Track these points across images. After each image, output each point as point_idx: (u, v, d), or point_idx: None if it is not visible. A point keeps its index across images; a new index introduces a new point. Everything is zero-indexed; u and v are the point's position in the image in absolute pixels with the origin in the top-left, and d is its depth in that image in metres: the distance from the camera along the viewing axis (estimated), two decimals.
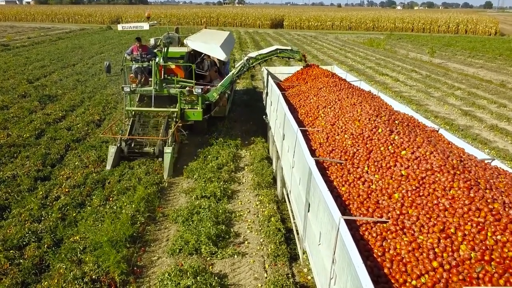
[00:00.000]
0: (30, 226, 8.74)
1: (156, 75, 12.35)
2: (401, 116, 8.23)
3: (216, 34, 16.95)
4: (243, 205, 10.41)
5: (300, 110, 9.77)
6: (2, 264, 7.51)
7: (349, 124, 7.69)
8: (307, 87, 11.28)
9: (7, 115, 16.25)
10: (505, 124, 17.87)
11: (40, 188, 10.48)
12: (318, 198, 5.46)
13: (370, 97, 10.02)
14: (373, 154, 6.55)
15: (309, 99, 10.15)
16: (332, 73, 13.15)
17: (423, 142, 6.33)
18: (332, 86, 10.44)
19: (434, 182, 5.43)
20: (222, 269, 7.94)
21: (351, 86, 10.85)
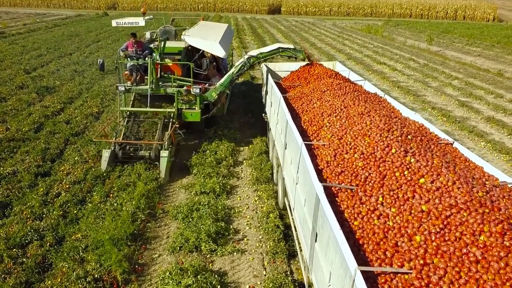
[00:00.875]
0: (32, 224, 8.85)
1: (152, 73, 11.85)
2: (412, 127, 7.79)
3: (214, 28, 16.36)
4: (242, 201, 10.55)
5: (303, 116, 9.24)
6: (5, 264, 7.64)
7: (358, 139, 7.09)
8: (309, 89, 10.66)
9: (5, 107, 16.24)
10: (502, 115, 17.98)
11: (41, 184, 10.57)
12: (328, 235, 4.90)
13: (377, 102, 9.61)
14: (388, 181, 5.97)
15: (312, 103, 9.69)
16: (335, 72, 12.55)
17: (442, 166, 5.84)
18: (337, 89, 9.92)
19: (460, 223, 4.83)
20: (222, 267, 8.09)
21: (356, 89, 10.27)
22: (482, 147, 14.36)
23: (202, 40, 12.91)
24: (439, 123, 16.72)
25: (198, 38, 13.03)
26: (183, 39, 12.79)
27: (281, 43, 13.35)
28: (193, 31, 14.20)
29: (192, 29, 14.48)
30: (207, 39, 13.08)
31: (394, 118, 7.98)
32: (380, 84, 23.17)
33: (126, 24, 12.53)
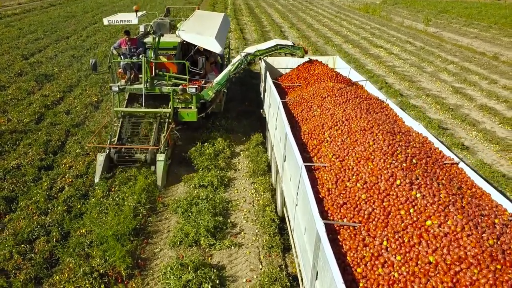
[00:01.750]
0: (38, 219, 9.25)
1: (146, 72, 11.46)
2: (416, 144, 7.43)
3: (209, 19, 15.86)
4: (239, 194, 10.94)
5: (303, 126, 8.99)
6: (15, 260, 8.05)
7: (361, 164, 6.77)
8: (309, 93, 10.32)
9: (5, 97, 16.46)
10: (494, 102, 18.30)
11: (45, 178, 10.92)
12: (330, 281, 4.67)
13: (379, 110, 9.35)
14: (392, 219, 5.67)
15: (312, 111, 9.43)
16: (336, 73, 12.05)
17: (450, 203, 5.58)
18: (338, 95, 9.62)
19: (471, 283, 4.59)
20: (220, 261, 8.53)
21: (358, 94, 9.94)
22: (473, 137, 14.71)
23: (198, 36, 12.56)
24: (432, 111, 17.04)
25: (194, 33, 12.65)
26: (177, 35, 12.43)
27: (279, 39, 13.00)
28: (188, 25, 13.78)
29: (187, 22, 14.21)
30: (203, 34, 12.72)
31: (398, 134, 7.69)
32: (376, 69, 23.37)
33: (118, 22, 12.00)
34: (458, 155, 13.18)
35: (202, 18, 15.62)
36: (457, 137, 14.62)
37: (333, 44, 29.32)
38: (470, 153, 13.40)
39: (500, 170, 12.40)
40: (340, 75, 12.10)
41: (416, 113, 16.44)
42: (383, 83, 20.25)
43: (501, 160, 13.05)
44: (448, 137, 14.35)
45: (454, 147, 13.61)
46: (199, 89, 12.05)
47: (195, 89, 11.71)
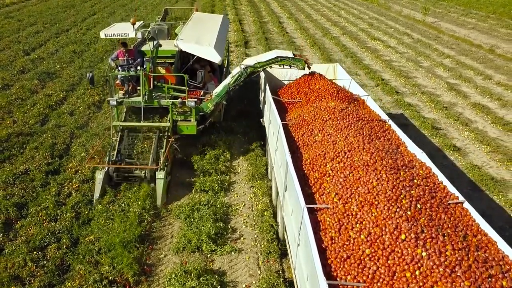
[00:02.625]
0: (48, 226, 9.76)
1: (144, 85, 11.33)
2: (421, 182, 7.28)
3: (208, 23, 15.56)
4: (239, 198, 11.44)
5: (305, 153, 8.82)
6: (29, 267, 8.58)
7: (365, 211, 6.64)
8: (310, 114, 10.08)
9: (9, 96, 16.84)
10: (488, 100, 18.73)
11: (52, 183, 11.40)
12: None
13: (381, 132, 9.32)
14: (398, 282, 5.58)
15: (313, 135, 9.27)
16: (337, 89, 11.59)
17: (456, 263, 5.57)
18: (339, 119, 9.45)
19: None
20: (221, 266, 9.07)
21: (359, 116, 9.73)
22: (465, 137, 15.18)
23: (196, 46, 12.29)
24: (427, 110, 17.47)
25: (192, 43, 12.38)
26: (176, 44, 12.22)
27: (279, 51, 12.61)
28: (186, 32, 13.42)
29: (185, 29, 13.83)
30: (201, 43, 12.43)
31: (401, 169, 7.56)
32: (373, 64, 23.71)
33: (115, 36, 11.82)
34: (450, 157, 13.69)
35: (201, 22, 15.36)
36: (450, 138, 15.09)
37: (331, 36, 29.53)
38: (461, 154, 13.88)
39: (489, 172, 12.90)
40: (342, 90, 11.72)
41: (410, 112, 16.88)
42: (380, 79, 20.63)
43: (490, 162, 13.54)
44: (441, 137, 14.81)
45: (446, 149, 14.09)
46: (198, 102, 12.03)
47: (195, 102, 11.70)
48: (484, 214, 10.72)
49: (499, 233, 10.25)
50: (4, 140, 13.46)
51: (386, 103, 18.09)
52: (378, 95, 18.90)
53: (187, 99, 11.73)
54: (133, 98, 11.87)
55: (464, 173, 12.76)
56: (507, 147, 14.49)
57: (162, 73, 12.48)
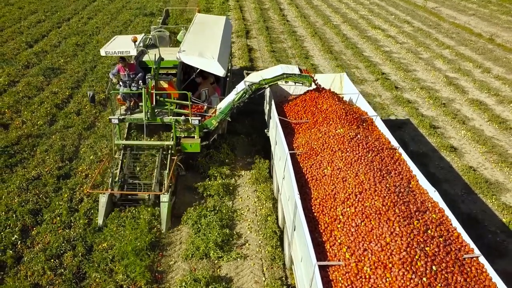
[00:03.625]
0: (63, 233, 10.29)
1: (147, 103, 11.20)
2: (435, 233, 7.15)
3: (210, 29, 15.01)
4: (243, 202, 11.95)
5: (313, 191, 8.58)
6: (48, 276, 9.13)
7: (378, 274, 6.48)
8: (319, 142, 9.83)
9: (16, 94, 17.18)
10: (485, 96, 19.09)
11: (64, 188, 11.88)
12: None
13: (392, 164, 9.15)
14: None
15: (322, 168, 9.03)
16: (345, 110, 11.11)
17: None
18: (349, 150, 9.20)
19: None
20: (228, 272, 9.64)
21: (369, 146, 9.51)
22: (462, 136, 15.61)
23: (199, 58, 12.07)
24: (425, 107, 17.86)
25: (195, 55, 12.15)
26: (178, 57, 12.02)
27: (284, 66, 12.32)
28: (188, 41, 13.21)
29: (187, 37, 13.63)
30: (204, 55, 12.22)
31: (414, 217, 7.40)
32: (373, 56, 23.96)
33: (116, 53, 11.30)
34: (446, 158, 14.14)
35: (203, 28, 15.03)
36: (447, 137, 15.53)
37: (332, 25, 29.61)
38: (458, 155, 14.33)
39: (484, 174, 13.39)
40: (350, 111, 11.22)
41: (409, 109, 17.27)
42: (379, 73, 20.93)
43: (486, 163, 14.01)
44: (438, 137, 15.24)
45: (443, 149, 14.53)
46: (202, 120, 11.87)
47: (198, 121, 11.52)
48: (477, 219, 11.35)
49: (490, 239, 10.85)
50: (15, 142, 13.89)
51: (386, 99, 18.45)
52: (378, 91, 19.25)
53: (190, 116, 11.56)
54: (135, 115, 11.75)
55: (459, 175, 13.23)
56: (502, 146, 14.94)
57: (165, 87, 12.18)
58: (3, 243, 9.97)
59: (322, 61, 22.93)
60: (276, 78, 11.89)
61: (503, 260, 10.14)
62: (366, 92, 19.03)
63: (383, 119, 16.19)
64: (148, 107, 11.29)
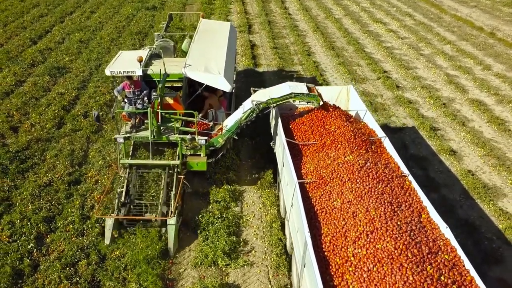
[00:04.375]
0: (76, 241, 10.71)
1: (152, 121, 11.13)
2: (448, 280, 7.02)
3: (215, 37, 14.89)
4: (249, 208, 12.36)
5: (323, 226, 8.41)
6: (64, 285, 9.57)
7: None
8: (327, 170, 9.67)
9: (24, 96, 17.48)
10: (485, 95, 19.39)
11: (75, 195, 12.26)
12: None
13: (402, 195, 8.95)
14: None
15: (331, 200, 8.86)
16: (353, 132, 10.90)
17: None
18: (359, 181, 9.03)
19: None
20: (236, 280, 10.09)
21: (379, 175, 9.30)
22: (462, 139, 15.95)
23: (205, 74, 11.98)
24: (426, 108, 18.16)
25: (201, 71, 12.06)
26: (183, 73, 11.96)
27: (292, 84, 12.20)
28: (193, 55, 13.00)
29: (191, 50, 13.42)
30: (210, 70, 12.11)
31: (427, 261, 7.27)
32: (375, 53, 24.17)
33: (121, 73, 11.21)
34: (446, 162, 14.51)
35: (208, 37, 14.84)
36: (447, 139, 15.88)
37: (333, 19, 29.73)
38: (457, 159, 14.70)
39: (482, 178, 13.77)
40: (358, 134, 10.93)
41: (410, 110, 17.57)
42: (381, 71, 21.19)
43: (484, 167, 14.39)
44: (438, 140, 15.60)
45: (442, 153, 14.89)
46: (209, 138, 11.85)
47: (205, 140, 11.51)
48: (474, 225, 11.76)
49: (486, 246, 11.24)
50: (25, 147, 14.25)
51: (387, 99, 18.75)
52: (379, 90, 19.53)
53: (197, 135, 11.53)
54: (141, 133, 11.68)
55: (458, 180, 13.62)
56: (500, 149, 15.30)
57: (170, 104, 12.12)
58: (20, 251, 10.40)
59: (324, 58, 23.15)
60: (284, 98, 11.74)
61: (499, 267, 10.58)
62: (367, 92, 19.33)
63: (384, 122, 16.55)
64: (154, 126, 11.25)
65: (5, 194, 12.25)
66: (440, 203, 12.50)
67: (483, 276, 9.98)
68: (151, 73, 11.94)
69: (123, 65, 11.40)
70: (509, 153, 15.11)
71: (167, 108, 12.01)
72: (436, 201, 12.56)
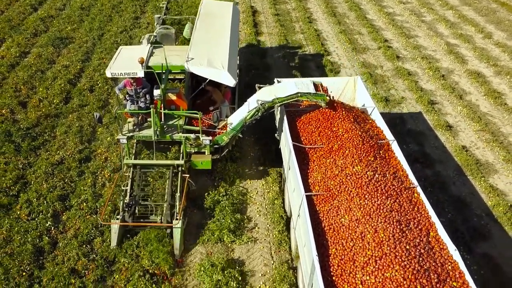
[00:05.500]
0: (91, 219, 11.42)
1: (156, 122, 11.04)
2: None
3: (218, 21, 14.35)
4: (252, 185, 13.00)
5: (331, 246, 8.35)
6: (82, 261, 10.34)
7: None
8: (335, 182, 9.53)
9: (29, 69, 17.76)
10: (484, 66, 19.66)
11: (87, 173, 12.88)
12: None
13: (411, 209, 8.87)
14: None
15: (339, 216, 8.80)
16: (362, 136, 10.59)
17: None
18: (368, 197, 8.90)
19: None
20: (240, 255, 10.87)
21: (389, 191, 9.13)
22: (458, 113, 16.40)
23: (209, 69, 11.73)
24: (425, 80, 18.49)
25: (204, 65, 11.79)
26: (186, 68, 11.76)
27: (298, 80, 11.93)
28: (196, 46, 12.64)
29: (193, 40, 13.00)
30: (214, 64, 11.88)
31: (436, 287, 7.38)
32: (376, 20, 24.17)
33: (122, 75, 11.00)
34: (441, 137, 15.03)
35: (210, 21, 14.33)
36: (444, 113, 16.33)
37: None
38: (452, 134, 15.21)
39: (475, 154, 14.34)
40: (366, 138, 10.63)
41: (409, 83, 17.91)
42: (382, 40, 21.34)
43: (478, 142, 14.92)
44: (435, 114, 16.06)
45: (438, 128, 15.39)
46: (213, 136, 11.82)
47: (209, 140, 11.45)
48: (465, 202, 12.44)
49: (475, 222, 11.87)
50: (35, 124, 14.74)
51: (387, 70, 19.04)
52: (380, 61, 19.77)
53: (201, 133, 11.46)
54: (144, 132, 11.61)
55: (452, 156, 14.19)
56: (495, 124, 15.80)
57: (173, 100, 11.90)
58: (39, 229, 11.13)
59: (326, 25, 23.17)
60: (290, 97, 11.48)
61: (486, 243, 11.34)
62: (368, 62, 19.58)
63: (384, 96, 16.92)
64: (157, 126, 11.20)
65: (20, 172, 12.86)
66: (434, 180, 13.20)
67: (470, 253, 10.97)
68: (152, 65, 11.72)
69: (124, 66, 11.16)
70: (503, 128, 15.62)
71: (170, 104, 11.86)
72: (431, 177, 13.33)
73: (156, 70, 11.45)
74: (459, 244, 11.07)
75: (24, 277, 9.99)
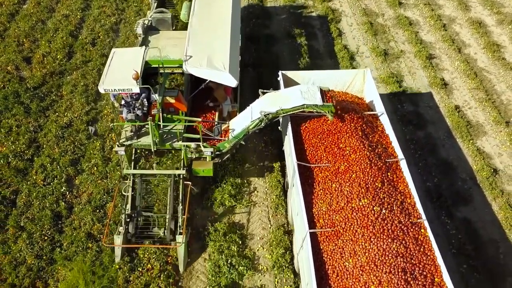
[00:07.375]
0: (102, 184, 12.35)
1: (154, 134, 10.54)
2: None
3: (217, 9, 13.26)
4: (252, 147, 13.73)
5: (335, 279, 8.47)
6: (97, 226, 11.38)
7: None
8: (340, 217, 9.25)
9: (30, 19, 17.76)
10: (487, 13, 19.45)
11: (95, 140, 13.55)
12: None
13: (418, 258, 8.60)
14: None
15: (343, 258, 8.70)
16: (370, 157, 10.07)
17: None
18: (373, 241, 8.66)
19: None
20: (240, 219, 11.92)
21: (395, 232, 8.86)
22: (455, 69, 16.64)
23: (209, 70, 11.17)
24: (426, 30, 18.45)
25: (204, 66, 11.19)
26: (185, 70, 11.24)
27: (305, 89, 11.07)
28: (194, 40, 11.92)
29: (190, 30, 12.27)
30: (215, 64, 11.27)
31: None
32: None
33: (117, 91, 10.31)
34: (436, 96, 15.46)
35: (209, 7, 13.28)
36: (441, 69, 16.59)
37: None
38: (447, 93, 15.61)
39: (467, 115, 14.85)
40: (374, 160, 10.09)
41: (409, 34, 17.93)
42: None
43: (471, 102, 15.37)
44: (432, 70, 16.33)
45: (434, 86, 15.77)
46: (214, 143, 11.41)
47: (211, 152, 11.05)
48: (452, 166, 13.19)
49: (459, 186, 12.62)
50: (41, 83, 15.17)
51: (388, 19, 18.93)
52: (381, 8, 19.57)
53: (202, 147, 10.97)
54: (143, 140, 11.04)
55: (444, 118, 14.73)
56: (490, 81, 16.12)
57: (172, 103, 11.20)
58: (55, 194, 12.09)
59: None
60: (295, 109, 10.73)
61: (466, 207, 12.28)
62: (369, 9, 19.39)
63: (383, 48, 17.02)
64: (156, 136, 10.68)
65: (32, 135, 13.58)
66: (425, 142, 13.88)
67: (451, 217, 11.94)
68: (148, 60, 11.33)
69: (118, 80, 10.18)
70: (497, 86, 15.97)
71: (168, 107, 11.20)
72: (422, 139, 13.99)
73: (152, 64, 11.42)
74: (442, 209, 12.16)
75: (46, 241, 11.11)
